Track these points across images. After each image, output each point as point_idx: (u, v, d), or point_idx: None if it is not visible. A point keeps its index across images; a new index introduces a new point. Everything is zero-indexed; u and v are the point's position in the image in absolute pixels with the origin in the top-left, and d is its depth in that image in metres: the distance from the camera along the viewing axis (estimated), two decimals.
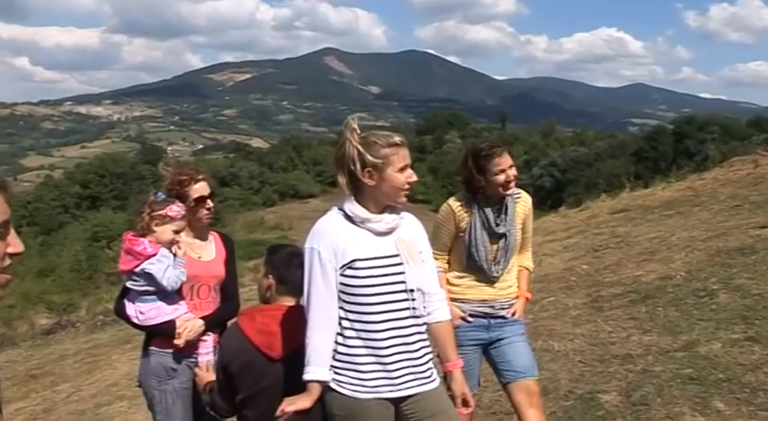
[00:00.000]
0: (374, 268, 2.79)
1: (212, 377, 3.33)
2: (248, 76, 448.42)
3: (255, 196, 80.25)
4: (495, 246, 3.72)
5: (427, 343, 2.94)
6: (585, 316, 6.70)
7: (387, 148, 2.80)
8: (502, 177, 3.62)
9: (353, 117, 2.89)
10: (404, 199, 2.88)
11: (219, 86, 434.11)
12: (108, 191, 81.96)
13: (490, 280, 3.77)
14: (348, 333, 2.82)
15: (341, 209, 2.88)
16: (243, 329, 3.05)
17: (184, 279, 3.65)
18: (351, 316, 2.81)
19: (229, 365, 3.06)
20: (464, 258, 3.74)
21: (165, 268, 3.56)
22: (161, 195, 3.67)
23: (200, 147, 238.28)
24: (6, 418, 7.96)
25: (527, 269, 3.99)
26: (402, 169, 2.82)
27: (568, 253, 9.58)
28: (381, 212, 2.87)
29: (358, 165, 2.79)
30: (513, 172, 3.64)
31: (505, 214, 3.72)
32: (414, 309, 2.86)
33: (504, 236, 3.72)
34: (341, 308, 2.82)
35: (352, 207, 2.84)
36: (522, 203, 3.84)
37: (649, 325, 6.03)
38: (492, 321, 3.78)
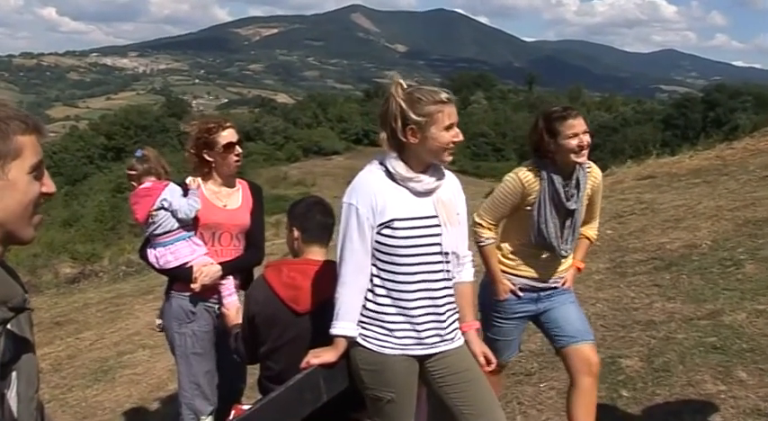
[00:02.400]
0: (412, 228, 2.74)
1: (239, 320, 3.38)
2: (275, 31, 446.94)
3: (279, 152, 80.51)
4: (564, 223, 3.53)
5: (454, 303, 2.92)
6: (609, 281, 6.66)
7: (432, 105, 2.68)
8: (574, 141, 3.38)
9: (398, 71, 2.82)
10: (449, 158, 2.78)
11: (246, 41, 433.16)
12: (133, 142, 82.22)
13: (555, 260, 3.60)
14: (379, 291, 2.79)
15: (382, 163, 2.80)
16: (269, 282, 3.06)
17: (198, 207, 3.70)
18: (383, 274, 2.78)
19: (255, 317, 3.08)
20: (533, 233, 3.52)
21: (177, 199, 3.67)
22: (139, 153, 3.80)
23: (225, 101, 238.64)
24: None
25: (588, 238, 3.81)
26: (448, 127, 2.71)
27: None
28: (424, 171, 2.78)
29: (399, 123, 2.69)
30: (586, 138, 3.40)
31: (577, 189, 3.50)
32: (447, 271, 2.84)
33: (572, 212, 3.52)
34: (373, 265, 2.79)
35: (395, 164, 2.75)
36: (592, 177, 3.60)
37: (673, 292, 5.99)
38: (542, 294, 3.66)
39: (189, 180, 3.78)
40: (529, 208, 3.51)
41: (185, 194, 3.72)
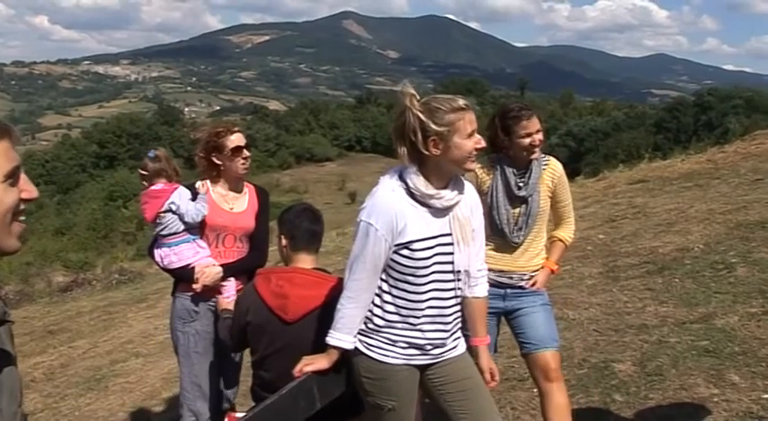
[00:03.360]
0: (427, 249, 2.70)
1: (231, 306, 3.44)
2: (266, 38, 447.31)
3: (271, 158, 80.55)
4: (516, 211, 3.61)
5: (461, 316, 2.92)
6: (601, 285, 6.67)
7: (452, 114, 2.62)
8: (527, 140, 3.51)
9: (407, 81, 2.73)
10: (472, 166, 2.75)
11: (237, 48, 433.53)
12: (125, 150, 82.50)
13: (511, 247, 3.65)
14: (388, 307, 2.77)
15: (402, 179, 2.71)
16: (258, 290, 3.07)
17: (205, 212, 3.79)
18: (394, 292, 2.76)
19: (245, 325, 3.10)
20: (486, 222, 3.60)
21: (185, 203, 3.76)
22: (152, 153, 3.89)
23: (217, 108, 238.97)
24: (25, 372, 8.07)
25: (562, 241, 3.84)
26: (470, 135, 2.65)
27: (585, 222, 9.52)
28: (445, 186, 2.71)
29: (419, 135, 2.61)
30: (539, 137, 3.53)
31: (528, 178, 3.60)
32: (458, 289, 2.82)
33: (525, 200, 3.60)
34: (385, 281, 2.76)
35: (416, 180, 2.67)
36: (550, 170, 3.69)
37: (665, 296, 6.00)
38: (508, 291, 3.69)
39: (198, 184, 3.86)
40: (483, 197, 3.53)
41: (194, 198, 3.80)
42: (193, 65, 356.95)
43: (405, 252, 2.69)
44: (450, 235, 2.75)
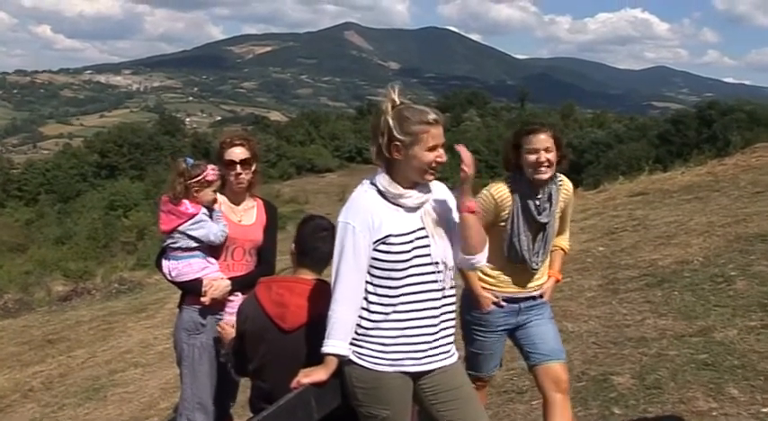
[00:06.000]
0: (405, 243, 2.77)
1: (234, 334, 3.40)
2: (268, 48, 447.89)
3: (272, 169, 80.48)
4: (536, 236, 3.59)
5: (452, 319, 2.93)
6: (601, 298, 6.67)
7: (418, 125, 2.72)
8: (533, 157, 3.45)
9: (395, 84, 2.83)
10: (431, 178, 2.81)
11: (239, 59, 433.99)
12: (126, 160, 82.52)
13: (529, 272, 3.64)
14: (374, 307, 2.80)
15: (373, 183, 2.84)
16: (259, 298, 3.08)
17: (227, 231, 3.83)
18: (379, 290, 2.79)
19: (244, 332, 3.12)
20: (505, 248, 3.58)
21: (209, 226, 3.79)
22: (190, 161, 3.86)
23: (219, 119, 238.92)
24: (23, 381, 8.06)
25: (562, 249, 3.87)
26: (431, 148, 2.74)
27: (585, 234, 9.52)
28: (412, 187, 2.81)
29: (385, 138, 2.75)
30: (547, 155, 3.45)
31: (549, 203, 3.56)
32: (441, 281, 2.84)
33: (545, 225, 3.58)
34: (369, 282, 2.80)
35: (384, 181, 2.79)
36: (564, 190, 3.69)
37: (665, 309, 6.00)
38: (522, 305, 3.68)
39: (218, 196, 3.91)
40: (503, 224, 3.58)
41: (210, 211, 3.84)
42: (195, 75, 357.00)
43: (383, 247, 2.76)
44: (424, 229, 2.81)
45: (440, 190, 2.94)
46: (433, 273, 2.82)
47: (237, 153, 3.84)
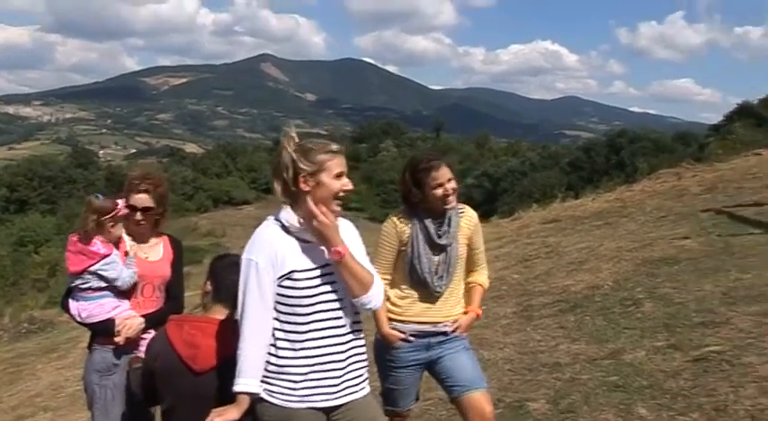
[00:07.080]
0: (310, 279, 2.78)
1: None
2: (184, 80, 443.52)
3: (189, 202, 79.22)
4: (437, 259, 3.62)
5: (361, 353, 2.94)
6: (516, 325, 6.80)
7: (323, 155, 2.78)
8: (440, 191, 3.53)
9: (290, 125, 2.88)
10: (338, 208, 2.83)
11: (154, 90, 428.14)
12: (37, 194, 79.87)
13: (433, 296, 3.65)
14: (281, 344, 2.79)
15: (277, 219, 2.85)
16: (170, 337, 3.03)
17: (136, 278, 3.78)
18: (286, 327, 2.79)
19: (153, 371, 3.06)
20: (407, 271, 3.62)
21: (120, 269, 3.72)
22: (101, 197, 3.78)
23: (133, 151, 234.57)
24: None
25: (480, 285, 3.88)
26: (338, 176, 2.80)
27: (500, 262, 9.70)
28: None
29: (291, 173, 2.77)
30: (451, 185, 3.55)
31: (448, 226, 3.61)
32: (348, 316, 2.85)
33: (445, 248, 3.62)
34: (276, 319, 2.80)
35: (288, 216, 2.81)
36: (466, 218, 3.73)
37: (577, 333, 6.15)
38: (432, 340, 3.69)
39: (128, 248, 3.84)
40: (404, 248, 3.63)
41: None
42: (109, 106, 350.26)
43: (287, 283, 2.77)
44: (329, 265, 2.82)
45: (344, 225, 2.95)
46: (341, 309, 2.83)
47: (141, 199, 3.82)
